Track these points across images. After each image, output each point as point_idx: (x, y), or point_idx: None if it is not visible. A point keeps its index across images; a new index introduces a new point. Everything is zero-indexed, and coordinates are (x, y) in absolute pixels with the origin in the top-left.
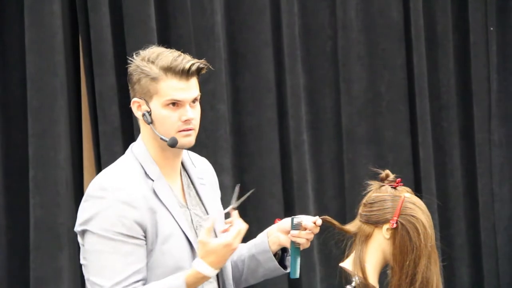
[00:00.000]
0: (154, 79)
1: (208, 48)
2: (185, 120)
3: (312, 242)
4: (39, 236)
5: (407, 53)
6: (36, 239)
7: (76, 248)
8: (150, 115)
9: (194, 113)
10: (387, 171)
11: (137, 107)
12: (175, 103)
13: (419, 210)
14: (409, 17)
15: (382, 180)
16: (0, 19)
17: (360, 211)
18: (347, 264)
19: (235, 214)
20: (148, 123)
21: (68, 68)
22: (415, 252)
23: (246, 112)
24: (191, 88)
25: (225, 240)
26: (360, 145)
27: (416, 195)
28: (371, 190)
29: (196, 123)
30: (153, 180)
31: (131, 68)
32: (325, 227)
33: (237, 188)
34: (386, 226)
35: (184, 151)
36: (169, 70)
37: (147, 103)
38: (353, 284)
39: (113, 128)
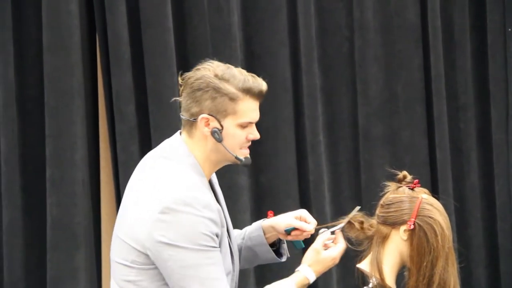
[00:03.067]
0: (233, 99)
1: (225, 48)
2: (252, 139)
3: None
4: (56, 236)
5: (424, 53)
6: (52, 238)
7: (93, 248)
8: (221, 132)
9: None
10: (405, 172)
11: (206, 124)
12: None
13: (436, 212)
14: (426, 17)
15: (400, 181)
16: (17, 19)
17: (377, 212)
18: (364, 265)
19: (340, 234)
20: (219, 141)
21: (85, 68)
22: (432, 253)
23: (263, 112)
24: (258, 109)
25: (333, 254)
26: (377, 145)
27: (433, 197)
28: (388, 191)
29: None
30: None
31: (202, 84)
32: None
33: (356, 209)
34: (403, 227)
35: None
36: (249, 91)
37: (219, 121)
38: (370, 285)
39: (130, 127)
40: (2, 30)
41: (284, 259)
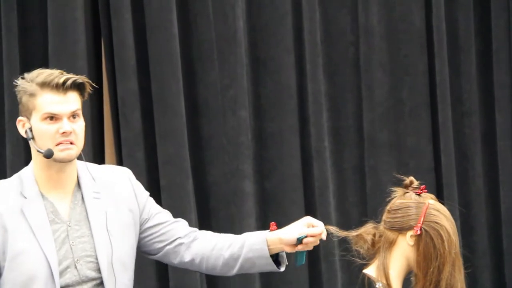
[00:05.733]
0: (31, 95)
1: (230, 54)
2: (62, 133)
3: (333, 248)
4: None
5: (429, 59)
6: None
7: None
8: (31, 131)
9: (73, 127)
10: (412, 178)
11: (22, 126)
12: (52, 117)
13: (443, 217)
14: (431, 23)
15: (406, 186)
16: (23, 26)
17: (384, 217)
18: (371, 270)
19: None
20: (29, 139)
21: (91, 74)
22: (439, 259)
23: (268, 118)
24: (68, 102)
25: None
26: (382, 151)
27: (439, 202)
28: (395, 197)
29: (76, 137)
30: (26, 198)
31: (17, 90)
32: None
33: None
34: (410, 233)
35: (82, 167)
36: (44, 85)
37: (29, 120)
38: None
39: (135, 133)
40: (8, 37)
41: (282, 268)
